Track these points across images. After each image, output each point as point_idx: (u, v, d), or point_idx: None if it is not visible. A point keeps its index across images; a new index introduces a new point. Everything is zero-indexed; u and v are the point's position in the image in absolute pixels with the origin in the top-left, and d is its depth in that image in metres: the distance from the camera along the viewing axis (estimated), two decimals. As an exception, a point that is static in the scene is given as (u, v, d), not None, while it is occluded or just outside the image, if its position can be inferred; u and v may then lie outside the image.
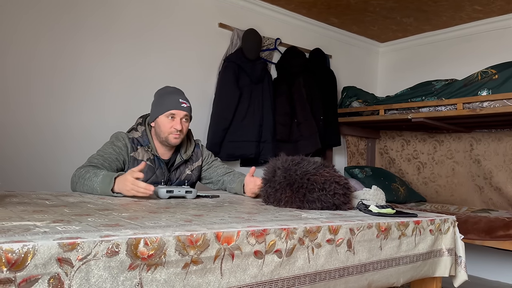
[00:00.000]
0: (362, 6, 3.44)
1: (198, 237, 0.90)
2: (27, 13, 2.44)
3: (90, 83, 2.66)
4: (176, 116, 1.92)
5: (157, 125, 1.95)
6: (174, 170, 2.02)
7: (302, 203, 1.54)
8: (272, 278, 1.02)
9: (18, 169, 2.39)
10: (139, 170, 1.60)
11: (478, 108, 2.89)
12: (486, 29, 3.64)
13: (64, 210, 1.14)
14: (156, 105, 1.98)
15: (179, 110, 1.92)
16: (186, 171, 2.07)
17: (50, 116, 2.51)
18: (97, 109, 2.68)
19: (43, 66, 2.49)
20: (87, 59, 2.65)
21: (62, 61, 2.56)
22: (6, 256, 0.67)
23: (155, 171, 1.95)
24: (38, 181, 2.41)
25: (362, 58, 4.41)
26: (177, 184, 2.02)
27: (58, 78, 2.54)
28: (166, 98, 1.96)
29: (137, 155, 1.92)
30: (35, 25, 2.46)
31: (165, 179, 1.98)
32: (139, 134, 1.97)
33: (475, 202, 3.57)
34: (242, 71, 3.22)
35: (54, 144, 2.52)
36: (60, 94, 2.55)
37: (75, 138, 2.58)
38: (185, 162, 2.06)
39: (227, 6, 3.32)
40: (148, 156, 1.94)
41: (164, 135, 1.93)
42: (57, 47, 2.53)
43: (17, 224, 0.87)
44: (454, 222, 1.65)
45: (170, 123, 1.92)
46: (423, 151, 3.95)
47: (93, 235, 0.79)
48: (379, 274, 1.32)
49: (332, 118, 3.73)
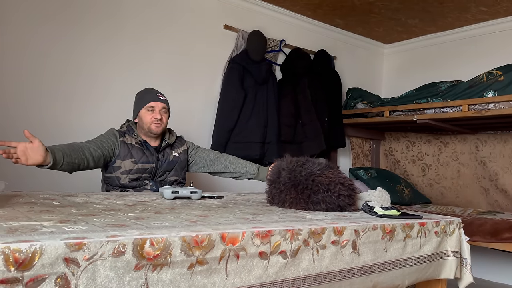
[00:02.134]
0: (367, 7, 3.44)
1: (203, 238, 0.90)
2: (26, 7, 2.45)
3: (95, 85, 2.68)
4: (155, 107, 2.13)
5: (139, 119, 2.15)
6: (161, 151, 2.20)
7: (306, 204, 1.54)
8: (277, 279, 1.02)
9: (23, 168, 2.40)
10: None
11: (483, 110, 2.87)
12: (492, 31, 3.62)
13: (70, 210, 1.15)
14: (136, 103, 2.21)
15: (157, 101, 2.14)
16: (173, 153, 2.24)
17: (55, 116, 2.53)
18: (102, 110, 2.69)
19: (50, 67, 2.51)
20: (92, 60, 2.66)
21: (70, 64, 2.58)
22: (13, 255, 0.67)
23: (144, 152, 2.13)
24: (43, 181, 2.43)
25: (367, 59, 4.40)
26: (167, 165, 2.19)
27: (65, 79, 2.56)
28: (144, 95, 2.19)
29: (126, 140, 2.12)
30: (33, 21, 2.48)
31: (155, 159, 2.15)
32: (125, 128, 2.21)
33: (480, 204, 3.55)
34: (247, 72, 3.22)
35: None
36: (67, 95, 2.57)
37: (79, 138, 2.59)
38: (170, 146, 2.24)
39: (232, 8, 3.33)
40: (136, 140, 2.15)
41: (147, 126, 2.12)
42: (64, 50, 2.55)
43: (24, 224, 0.87)
44: (460, 224, 1.64)
45: (151, 114, 2.12)
46: (428, 153, 3.94)
47: (99, 235, 0.79)
48: (384, 275, 1.32)
49: (337, 120, 3.73)
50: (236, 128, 3.16)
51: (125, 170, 2.07)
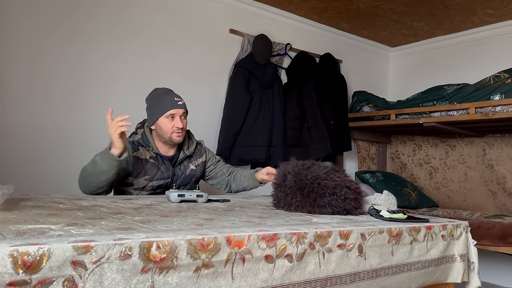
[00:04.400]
0: (372, 10, 3.44)
1: (209, 241, 0.90)
2: (35, 11, 2.48)
3: (100, 87, 2.70)
4: (175, 115, 1.98)
5: (158, 127, 1.99)
6: (178, 165, 2.06)
7: (312, 207, 1.53)
8: (283, 283, 1.02)
9: (27, 171, 2.43)
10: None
11: (490, 113, 2.86)
12: (498, 33, 3.61)
13: (77, 214, 1.16)
14: (152, 108, 2.02)
15: (177, 108, 1.98)
16: (190, 166, 2.11)
17: (60, 117, 2.55)
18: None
19: (49, 66, 2.53)
20: (98, 64, 2.68)
21: (84, 70, 2.61)
22: (22, 258, 0.68)
23: (159, 167, 1.99)
24: (48, 184, 2.45)
25: (372, 62, 4.39)
26: (183, 179, 2.06)
27: (78, 84, 2.58)
28: (160, 100, 2.00)
29: (139, 155, 1.97)
30: (42, 25, 2.50)
31: (170, 174, 2.01)
32: (139, 136, 2.03)
33: (488, 207, 3.52)
34: (253, 76, 3.23)
35: (58, 145, 2.55)
36: (79, 99, 2.59)
37: (81, 140, 2.61)
38: (188, 157, 2.10)
39: (238, 12, 3.34)
40: (150, 154, 2.00)
41: (167, 135, 1.98)
42: (76, 56, 2.58)
43: (32, 227, 0.88)
44: (467, 227, 1.63)
45: (171, 122, 1.97)
46: (435, 156, 3.92)
47: (106, 238, 0.80)
48: (390, 279, 1.31)
49: (343, 123, 3.72)
50: (242, 132, 3.17)
51: (138, 187, 1.97)
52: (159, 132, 2.00)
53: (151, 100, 2.04)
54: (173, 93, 2.05)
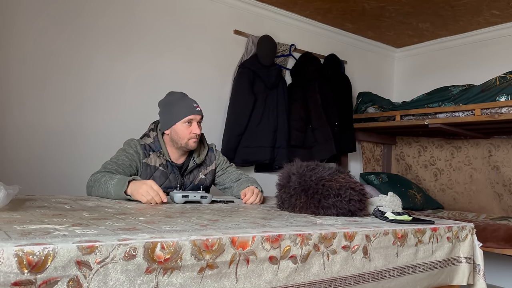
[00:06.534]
0: (377, 11, 3.43)
1: (213, 242, 0.90)
2: (43, 14, 2.50)
3: (107, 88, 2.71)
4: (193, 120, 1.93)
5: (173, 132, 1.93)
6: (187, 174, 2.02)
7: (317, 209, 1.53)
8: (287, 284, 1.02)
9: (34, 171, 2.44)
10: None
11: (496, 114, 2.84)
12: (504, 34, 3.58)
13: (82, 214, 1.16)
14: (168, 113, 1.95)
15: (196, 114, 1.93)
16: (200, 175, 2.06)
17: (69, 118, 2.57)
18: (116, 115, 2.72)
19: (57, 67, 2.54)
20: (105, 65, 2.70)
21: (91, 72, 2.63)
22: (27, 258, 0.68)
23: (168, 176, 1.95)
24: (53, 184, 2.46)
25: (377, 63, 4.38)
26: (191, 188, 2.02)
27: (74, 81, 2.60)
28: (178, 105, 1.94)
29: (149, 161, 1.92)
30: (50, 26, 2.52)
31: (179, 183, 1.97)
32: (151, 140, 1.97)
33: (494, 209, 3.50)
34: (257, 77, 3.23)
35: (67, 145, 2.57)
36: (88, 101, 2.61)
37: (89, 140, 2.62)
38: (198, 166, 2.05)
39: (242, 13, 3.35)
40: (161, 161, 1.94)
41: (184, 141, 1.92)
42: (83, 58, 2.59)
43: (37, 227, 0.89)
44: (472, 229, 1.62)
45: (188, 128, 1.91)
46: (440, 158, 3.90)
47: (111, 239, 0.80)
48: (395, 281, 1.31)
49: (348, 124, 3.71)
50: (246, 133, 3.17)
51: None
52: (174, 138, 1.94)
53: (167, 105, 1.98)
54: (189, 98, 1.99)
